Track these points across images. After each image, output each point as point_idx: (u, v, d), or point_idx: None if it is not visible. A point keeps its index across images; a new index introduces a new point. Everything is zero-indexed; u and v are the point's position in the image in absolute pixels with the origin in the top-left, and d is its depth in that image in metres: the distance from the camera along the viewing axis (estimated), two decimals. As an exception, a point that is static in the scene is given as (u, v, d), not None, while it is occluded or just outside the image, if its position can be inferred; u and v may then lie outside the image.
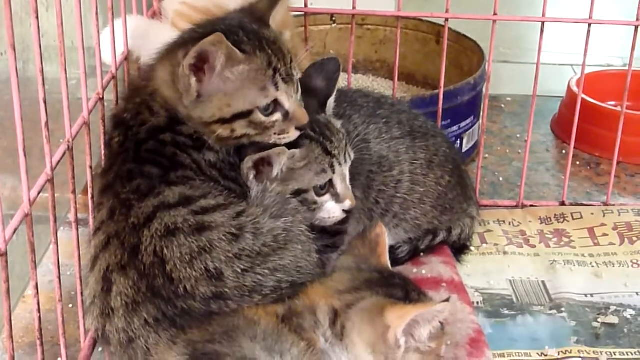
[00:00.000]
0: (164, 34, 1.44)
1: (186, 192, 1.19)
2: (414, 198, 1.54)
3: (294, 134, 1.27)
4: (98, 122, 1.34)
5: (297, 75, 1.29)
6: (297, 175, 1.31)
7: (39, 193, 1.10)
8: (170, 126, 1.25)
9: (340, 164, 1.33)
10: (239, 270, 1.15)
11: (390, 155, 1.52)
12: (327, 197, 1.33)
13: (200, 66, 1.21)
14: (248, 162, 1.26)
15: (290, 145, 1.27)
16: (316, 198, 1.32)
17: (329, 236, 1.40)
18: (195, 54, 1.19)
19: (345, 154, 1.35)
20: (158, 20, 1.63)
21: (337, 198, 1.34)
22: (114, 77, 1.44)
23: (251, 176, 1.27)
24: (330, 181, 1.33)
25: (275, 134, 1.26)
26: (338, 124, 1.39)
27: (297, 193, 1.31)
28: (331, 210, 1.34)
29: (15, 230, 1.03)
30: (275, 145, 1.26)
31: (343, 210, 1.34)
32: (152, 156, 1.23)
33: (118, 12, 1.47)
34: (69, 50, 1.18)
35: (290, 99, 1.26)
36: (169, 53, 1.28)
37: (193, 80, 1.21)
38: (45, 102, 1.08)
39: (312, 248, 1.24)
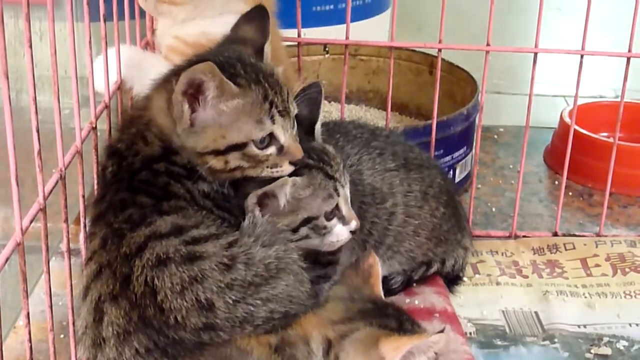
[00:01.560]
0: (157, 65, 1.45)
1: (178, 222, 1.19)
2: (408, 230, 1.54)
3: (287, 169, 1.27)
4: (91, 151, 1.35)
5: (294, 109, 1.29)
6: (304, 204, 1.31)
7: (31, 222, 1.10)
8: (164, 156, 1.25)
9: (342, 186, 1.34)
10: (231, 301, 1.14)
11: (383, 187, 1.52)
12: (335, 220, 1.33)
13: (194, 95, 1.21)
14: (252, 198, 1.25)
15: (291, 176, 1.28)
16: (326, 223, 1.33)
17: (321, 266, 1.40)
18: (186, 80, 1.19)
19: (343, 176, 1.35)
20: (150, 51, 1.64)
21: (344, 220, 1.34)
22: (107, 107, 1.44)
23: (257, 212, 1.26)
24: (337, 205, 1.33)
25: (268, 167, 1.26)
26: (331, 148, 1.39)
27: (308, 221, 1.31)
28: (339, 233, 1.34)
29: (7, 259, 1.03)
30: (274, 179, 1.26)
31: (350, 232, 1.35)
32: (145, 186, 1.23)
33: (111, 41, 1.48)
34: (62, 80, 1.18)
35: (286, 133, 1.26)
36: (164, 82, 1.28)
37: (186, 107, 1.21)
38: (38, 131, 1.08)
39: (304, 278, 1.23)
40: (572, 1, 1.75)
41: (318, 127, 1.40)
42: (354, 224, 1.34)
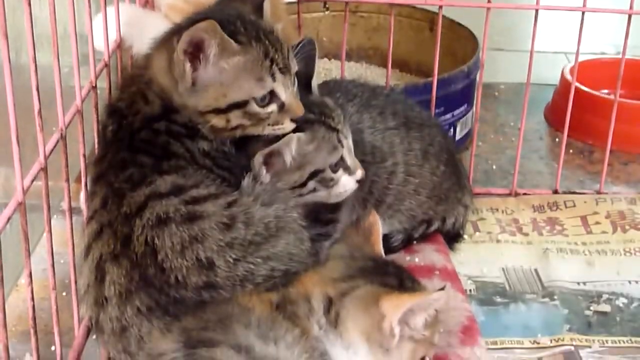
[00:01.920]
0: (157, 24, 1.44)
1: (178, 181, 1.19)
2: (409, 189, 1.54)
3: (288, 126, 1.27)
4: (91, 110, 1.35)
5: (295, 67, 1.29)
6: (309, 159, 1.31)
7: (32, 181, 1.10)
8: (164, 115, 1.25)
9: (345, 137, 1.34)
10: (231, 260, 1.15)
11: (384, 146, 1.51)
12: (340, 172, 1.34)
13: (195, 54, 1.20)
14: (258, 158, 1.26)
15: (294, 132, 1.27)
16: (332, 175, 1.33)
17: (322, 224, 1.40)
18: (188, 39, 1.18)
19: (344, 126, 1.35)
20: (150, 9, 1.63)
21: (349, 171, 1.34)
22: (106, 65, 1.44)
23: (263, 172, 1.27)
24: (341, 157, 1.33)
25: (269, 125, 1.26)
26: (330, 100, 1.39)
27: (315, 174, 1.32)
28: (346, 184, 1.35)
29: (8, 218, 1.04)
30: (276, 137, 1.26)
31: (356, 181, 1.35)
32: (145, 145, 1.23)
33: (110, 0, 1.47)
34: (61, 38, 1.18)
35: (287, 90, 1.26)
36: (165, 41, 1.27)
37: (187, 66, 1.21)
38: (38, 90, 1.08)
39: (304, 236, 1.24)
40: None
41: (314, 82, 1.40)
42: (359, 173, 1.35)
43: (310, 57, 1.38)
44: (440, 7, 1.72)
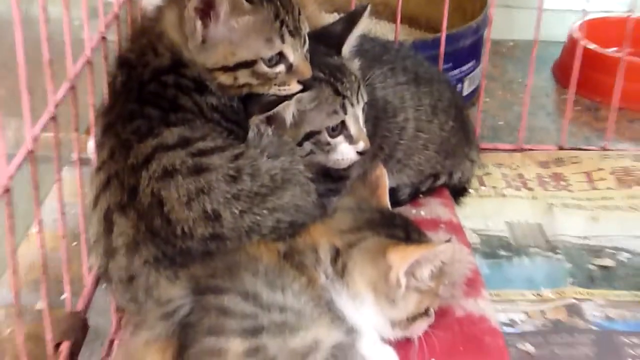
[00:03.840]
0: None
1: (185, 134, 1.19)
2: (418, 144, 1.54)
3: (295, 87, 1.26)
4: (101, 62, 1.34)
5: (305, 29, 1.28)
6: (308, 118, 1.31)
7: (41, 130, 1.10)
8: (173, 68, 1.25)
9: (352, 105, 1.32)
10: (237, 212, 1.15)
11: (395, 102, 1.51)
12: (340, 138, 1.33)
13: (206, 11, 1.20)
14: (255, 120, 1.26)
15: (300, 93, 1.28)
16: (329, 139, 1.32)
17: (333, 180, 1.40)
18: None
19: (357, 95, 1.34)
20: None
21: (351, 139, 1.33)
22: (116, 17, 1.43)
23: (263, 127, 1.26)
24: (343, 122, 1.32)
25: (276, 85, 1.26)
26: (354, 66, 1.38)
27: (310, 135, 1.31)
28: (345, 152, 1.34)
29: (18, 166, 1.04)
30: (279, 98, 1.26)
31: (357, 152, 1.34)
32: (153, 97, 1.23)
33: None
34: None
35: (296, 52, 1.25)
36: None
37: (198, 23, 1.21)
38: (47, 41, 1.08)
39: (310, 188, 1.24)
40: None
41: (346, 46, 1.39)
42: (361, 145, 1.33)
43: (352, 21, 1.39)
44: (450, -39, 1.71)
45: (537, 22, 1.70)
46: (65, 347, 1.21)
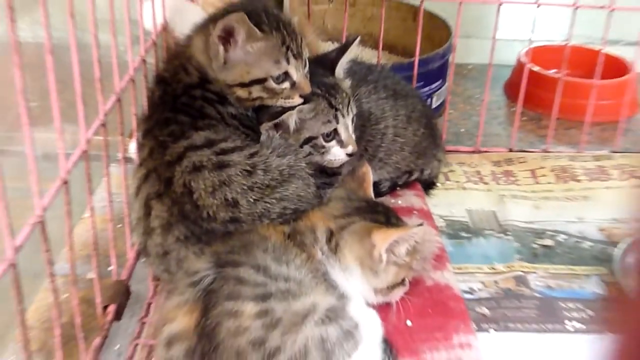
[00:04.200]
0: (195, 13, 1.43)
1: (210, 136, 1.19)
2: (396, 147, 1.53)
3: (297, 100, 1.26)
4: (141, 79, 1.34)
5: (306, 53, 1.28)
6: (307, 125, 1.30)
7: (93, 134, 1.09)
8: (200, 84, 1.25)
9: (343, 116, 1.32)
10: (252, 200, 1.15)
11: (377, 112, 1.50)
12: (333, 142, 1.32)
13: (227, 38, 1.20)
14: (265, 126, 1.26)
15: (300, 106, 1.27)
16: (324, 143, 1.32)
17: (327, 176, 1.40)
18: (222, 26, 1.19)
19: (347, 107, 1.33)
20: (189, 1, 1.61)
21: (342, 144, 1.33)
22: (154, 43, 1.43)
23: (272, 132, 1.26)
24: (336, 130, 1.32)
25: (282, 98, 1.26)
26: (345, 85, 1.38)
27: (309, 139, 1.31)
28: (337, 154, 1.33)
29: (74, 163, 1.03)
30: (284, 108, 1.26)
31: (347, 154, 1.34)
32: (184, 107, 1.23)
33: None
34: (117, 22, 1.17)
35: (298, 72, 1.25)
36: (203, 26, 1.27)
37: (221, 48, 1.21)
38: (99, 61, 1.08)
39: (311, 182, 1.24)
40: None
41: (339, 68, 1.39)
42: (350, 148, 1.33)
43: (344, 48, 1.39)
44: (422, 1, 1.70)
45: (491, 49, 1.69)
46: (111, 309, 1.22)
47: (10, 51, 0.82)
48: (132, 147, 1.32)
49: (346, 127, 1.33)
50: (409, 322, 1.18)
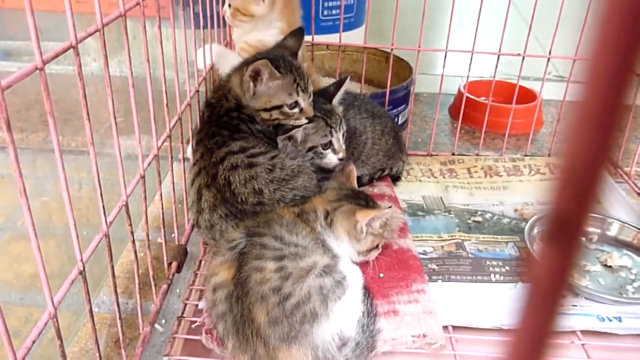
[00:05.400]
0: (233, 58, 1.42)
1: (243, 145, 1.19)
2: (373, 152, 1.52)
3: (304, 121, 1.27)
4: (196, 104, 1.33)
5: (311, 87, 1.28)
6: (310, 138, 1.30)
7: (162, 142, 1.09)
8: (237, 108, 1.24)
9: (336, 132, 1.32)
10: (272, 190, 1.15)
11: (360, 128, 1.49)
12: (329, 150, 1.32)
13: (255, 77, 1.20)
14: (281, 137, 1.25)
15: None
16: (322, 151, 1.32)
17: (325, 173, 1.39)
18: (252, 68, 1.19)
19: (339, 126, 1.33)
20: (229, 49, 1.60)
21: (335, 151, 1.33)
22: (204, 79, 1.42)
23: (286, 142, 1.26)
24: (330, 142, 1.32)
25: (293, 119, 1.25)
26: (339, 110, 1.38)
27: (312, 148, 1.31)
28: (331, 159, 1.33)
29: (149, 163, 1.03)
30: (294, 126, 1.26)
31: (338, 159, 1.33)
32: (225, 124, 1.23)
33: (207, 40, 1.44)
34: (179, 62, 1.16)
35: (305, 101, 1.25)
36: (239, 68, 1.27)
37: (251, 84, 1.21)
38: (166, 92, 1.07)
39: (313, 177, 1.24)
40: (470, 19, 1.69)
41: (335, 99, 1.38)
42: (341, 154, 1.33)
43: (339, 85, 1.38)
44: (392, 49, 1.69)
45: (440, 82, 1.69)
46: (174, 265, 1.22)
47: (104, 83, 0.82)
48: (189, 151, 1.32)
49: (338, 139, 1.33)
50: (381, 275, 1.18)
